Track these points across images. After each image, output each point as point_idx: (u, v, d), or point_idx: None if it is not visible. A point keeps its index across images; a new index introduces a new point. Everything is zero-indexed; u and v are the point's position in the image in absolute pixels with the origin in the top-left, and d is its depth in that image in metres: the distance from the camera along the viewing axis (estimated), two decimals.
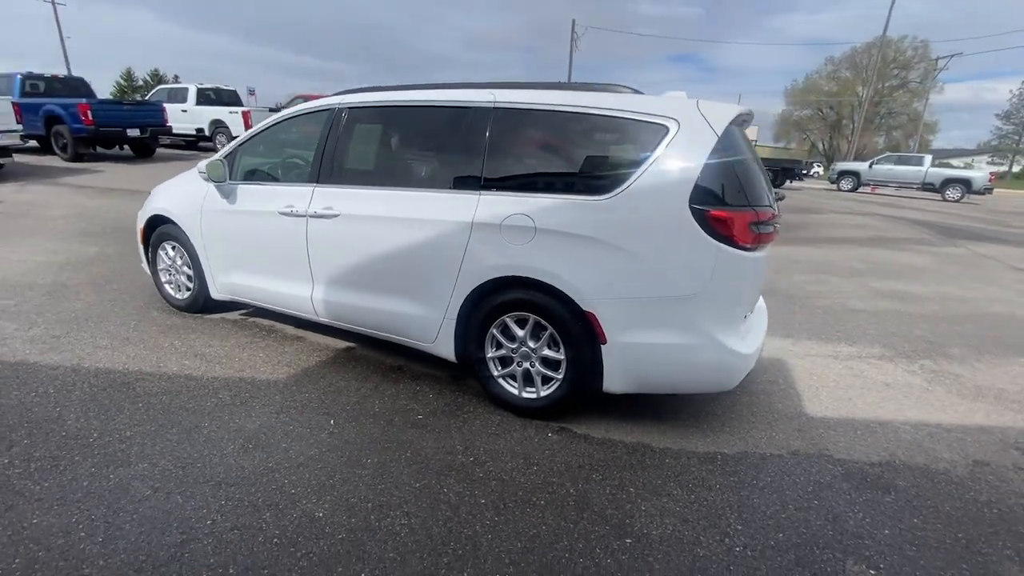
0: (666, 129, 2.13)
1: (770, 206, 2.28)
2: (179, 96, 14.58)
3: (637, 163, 2.15)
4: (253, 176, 3.15)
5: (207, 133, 14.33)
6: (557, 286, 2.23)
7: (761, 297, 2.98)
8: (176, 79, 44.83)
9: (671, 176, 2.09)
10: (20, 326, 3.11)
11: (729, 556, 1.69)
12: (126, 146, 12.58)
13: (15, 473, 1.88)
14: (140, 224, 3.58)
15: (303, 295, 2.94)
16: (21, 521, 1.67)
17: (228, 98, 15.00)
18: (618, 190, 2.15)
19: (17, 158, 9.66)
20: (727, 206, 2.08)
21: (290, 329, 3.36)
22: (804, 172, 22.47)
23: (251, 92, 19.34)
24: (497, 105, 2.43)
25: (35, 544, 1.58)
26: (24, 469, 1.91)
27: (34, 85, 11.64)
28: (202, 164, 3.07)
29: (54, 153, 11.36)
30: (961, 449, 2.38)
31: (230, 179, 3.11)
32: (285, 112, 3.08)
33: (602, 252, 2.17)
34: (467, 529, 1.75)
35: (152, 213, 3.47)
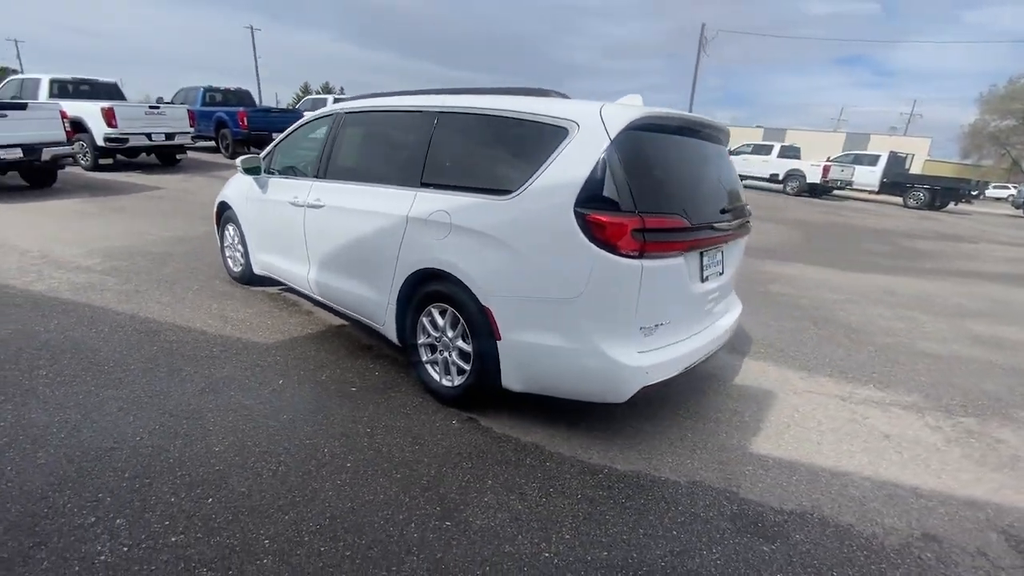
0: (566, 132, 2.14)
1: (678, 214, 2.15)
2: (320, 105, 16.60)
3: (538, 165, 2.18)
4: (281, 171, 3.72)
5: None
6: (463, 280, 2.34)
7: (730, 315, 2.81)
8: (341, 91, 52.04)
9: (561, 179, 2.10)
10: (119, 281, 4.06)
11: (532, 559, 1.68)
12: None
13: (42, 382, 2.55)
14: (214, 208, 4.40)
15: (303, 275, 3.40)
16: (26, 414, 2.28)
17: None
18: (519, 190, 2.21)
19: (193, 155, 12.19)
20: (611, 211, 2.02)
21: (306, 305, 3.88)
22: (974, 193, 18.54)
23: None
24: (439, 110, 2.62)
25: (22, 430, 2.17)
26: (51, 380, 2.57)
27: (212, 96, 14.51)
28: (239, 160, 3.71)
29: (219, 151, 14.09)
30: (918, 519, 1.98)
31: (266, 173, 3.72)
32: (308, 115, 3.60)
33: (499, 250, 2.24)
34: (317, 484, 1.97)
35: (220, 199, 4.25)
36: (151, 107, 10.82)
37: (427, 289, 2.55)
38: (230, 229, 4.23)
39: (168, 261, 4.67)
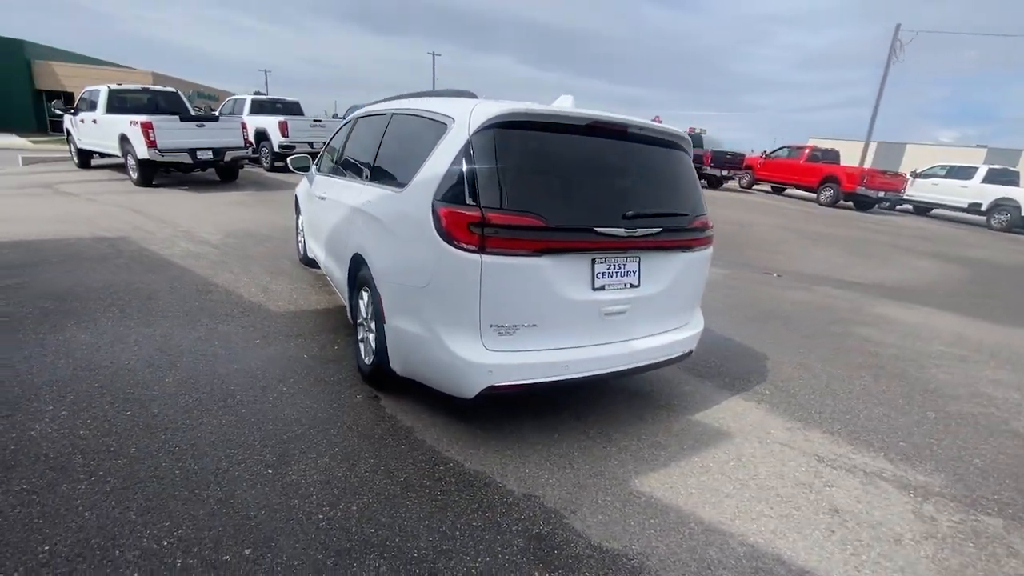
0: (444, 127, 2.22)
1: (532, 213, 2.07)
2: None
3: (423, 160, 2.28)
4: (319, 169, 4.34)
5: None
6: (369, 265, 2.54)
7: (668, 336, 2.55)
8: None
9: (431, 172, 2.19)
10: (217, 254, 5.12)
11: (308, 517, 1.81)
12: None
13: (106, 316, 3.42)
14: (292, 201, 5.28)
15: (321, 259, 3.93)
16: (78, 335, 3.11)
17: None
18: (409, 183, 2.35)
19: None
20: (455, 204, 2.04)
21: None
22: None
23: None
24: (394, 111, 2.87)
25: (65, 345, 2.97)
26: (112, 316, 3.44)
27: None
28: (289, 158, 4.43)
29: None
30: None
31: (315, 171, 4.38)
32: (342, 123, 4.15)
33: (389, 238, 2.41)
34: (208, 416, 2.35)
35: (295, 193, 5.10)
36: (314, 121, 13.31)
37: (358, 273, 2.81)
38: (298, 218, 5.05)
39: (264, 243, 5.71)
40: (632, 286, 2.37)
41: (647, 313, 2.47)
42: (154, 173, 9.24)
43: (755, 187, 19.57)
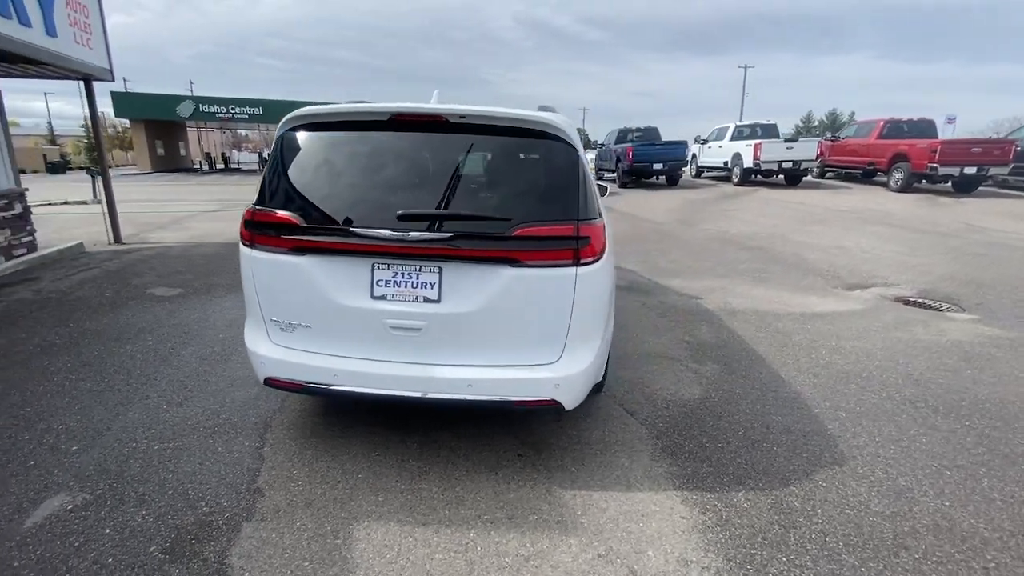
0: None
1: (288, 211, 2.18)
2: (722, 134, 17.69)
3: None
4: None
5: (729, 165, 16.81)
6: None
7: (497, 371, 2.17)
8: (851, 117, 52.78)
9: None
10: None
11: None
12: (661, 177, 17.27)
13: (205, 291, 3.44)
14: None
15: None
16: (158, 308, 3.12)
17: (764, 132, 16.68)
18: None
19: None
20: (255, 204, 2.30)
21: None
22: None
23: (949, 120, 19.28)
24: None
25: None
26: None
27: (624, 135, 18.71)
28: None
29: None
30: None
31: None
32: None
33: None
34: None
35: None
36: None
37: None
38: None
39: None
40: (429, 300, 2.13)
41: (457, 336, 2.17)
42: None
43: (826, 176, 17.85)
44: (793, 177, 15.85)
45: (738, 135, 16.96)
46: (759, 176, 16.12)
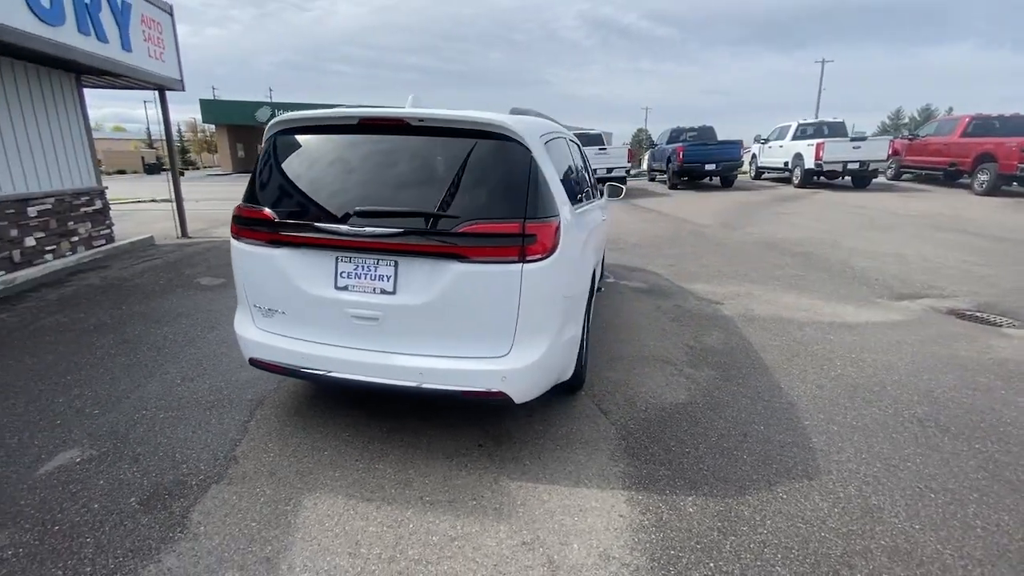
0: None
1: (263, 207, 2.43)
2: (784, 133, 16.60)
3: None
4: None
5: (789, 166, 15.84)
6: None
7: (443, 361, 2.27)
8: (950, 111, 46.53)
9: None
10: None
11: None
12: (714, 178, 16.55)
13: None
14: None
15: None
16: (200, 296, 3.55)
17: (830, 131, 15.58)
18: None
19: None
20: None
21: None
22: None
23: None
24: None
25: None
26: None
27: (677, 135, 18.24)
28: None
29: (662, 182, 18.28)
30: None
31: None
32: None
33: None
34: None
35: None
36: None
37: None
38: None
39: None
40: (385, 292, 2.27)
41: (412, 327, 2.28)
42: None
43: (902, 178, 16.52)
44: (861, 179, 14.73)
45: (801, 134, 15.89)
46: (822, 178, 15.09)
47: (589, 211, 3.52)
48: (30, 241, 6.00)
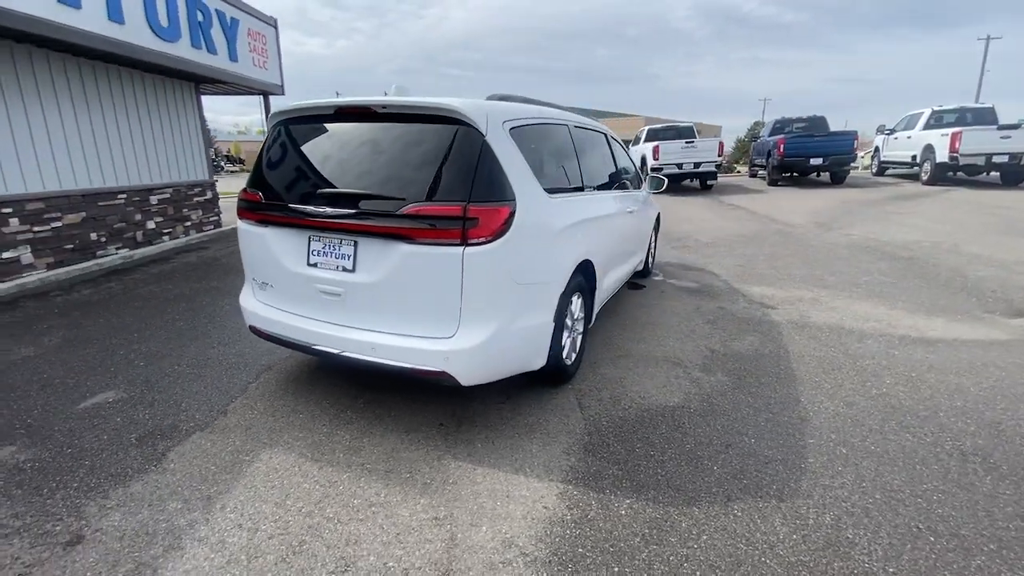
0: None
1: (256, 190, 2.71)
2: (913, 122, 14.23)
3: None
4: None
5: (918, 160, 13.57)
6: None
7: (390, 337, 2.35)
8: None
9: None
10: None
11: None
12: (822, 173, 14.71)
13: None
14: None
15: None
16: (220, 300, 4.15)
17: (975, 118, 13.11)
18: None
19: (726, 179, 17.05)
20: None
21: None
22: None
23: None
24: None
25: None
26: None
27: (782, 126, 16.16)
28: None
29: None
30: None
31: None
32: None
33: None
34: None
35: None
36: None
37: None
38: None
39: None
40: (346, 270, 2.43)
41: (367, 304, 2.41)
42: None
43: None
44: (1012, 175, 12.22)
45: (935, 122, 13.43)
46: (959, 173, 12.70)
47: (593, 202, 3.39)
48: (151, 224, 7.17)
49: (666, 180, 5.29)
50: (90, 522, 1.96)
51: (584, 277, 3.15)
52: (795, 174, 15.08)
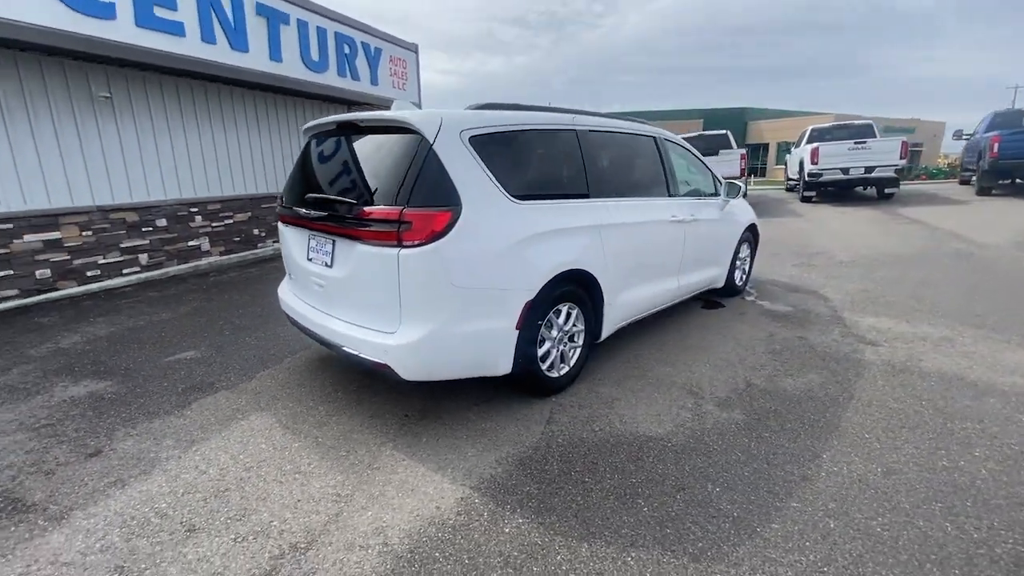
0: None
1: (281, 195, 3.20)
2: None
3: None
4: None
5: None
6: None
7: (355, 328, 2.56)
8: None
9: None
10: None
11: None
12: None
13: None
14: None
15: None
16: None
17: None
18: None
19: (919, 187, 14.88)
20: None
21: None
22: None
23: None
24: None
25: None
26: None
27: (1005, 119, 12.66)
28: None
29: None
30: None
31: None
32: None
33: None
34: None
35: None
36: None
37: None
38: None
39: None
40: (327, 265, 2.73)
41: (341, 297, 2.69)
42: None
43: None
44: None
45: None
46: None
47: (601, 209, 3.20)
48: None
49: (743, 187, 4.65)
50: (112, 443, 2.57)
51: (580, 287, 3.01)
52: (1017, 180, 11.65)
